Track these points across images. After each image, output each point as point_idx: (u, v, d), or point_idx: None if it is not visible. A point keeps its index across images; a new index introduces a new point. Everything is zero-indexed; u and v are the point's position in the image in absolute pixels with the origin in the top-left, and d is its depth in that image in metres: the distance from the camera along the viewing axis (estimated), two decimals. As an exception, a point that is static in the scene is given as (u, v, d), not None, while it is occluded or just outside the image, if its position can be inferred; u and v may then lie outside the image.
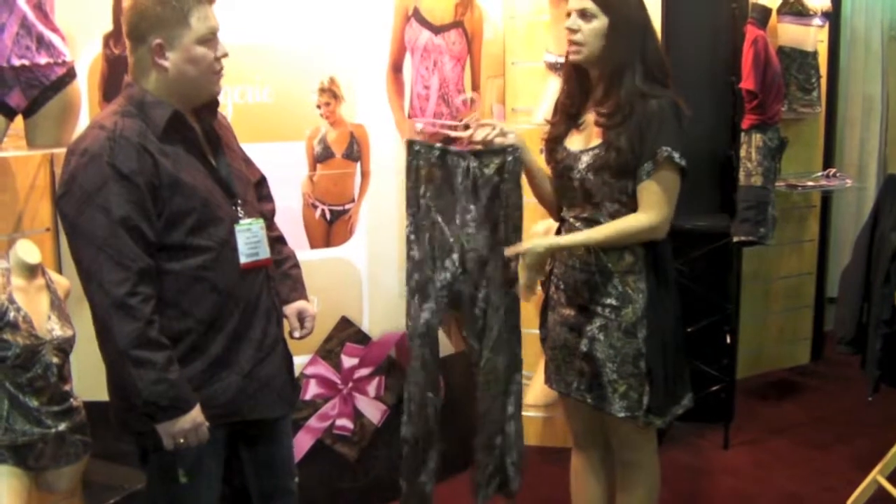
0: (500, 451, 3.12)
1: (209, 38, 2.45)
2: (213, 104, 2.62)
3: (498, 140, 2.94)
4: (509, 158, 2.93)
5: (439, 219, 3.02)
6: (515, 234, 2.98)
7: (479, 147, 2.97)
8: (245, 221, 2.56)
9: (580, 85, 2.92)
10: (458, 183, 2.99)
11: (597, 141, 2.84)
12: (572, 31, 2.81)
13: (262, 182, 2.88)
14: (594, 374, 2.90)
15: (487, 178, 2.96)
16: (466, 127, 3.00)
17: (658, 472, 3.08)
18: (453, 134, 2.96)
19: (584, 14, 2.78)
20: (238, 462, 2.74)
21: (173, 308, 2.44)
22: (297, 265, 2.90)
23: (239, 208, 2.57)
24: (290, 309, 2.82)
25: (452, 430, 3.26)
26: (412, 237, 3.04)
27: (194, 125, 2.54)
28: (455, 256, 3.04)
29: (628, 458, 3.02)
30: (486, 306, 3.02)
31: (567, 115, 2.95)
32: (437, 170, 3.00)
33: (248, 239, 2.55)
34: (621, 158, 2.76)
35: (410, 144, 3.02)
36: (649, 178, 2.76)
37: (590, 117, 2.89)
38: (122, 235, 2.31)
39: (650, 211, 2.78)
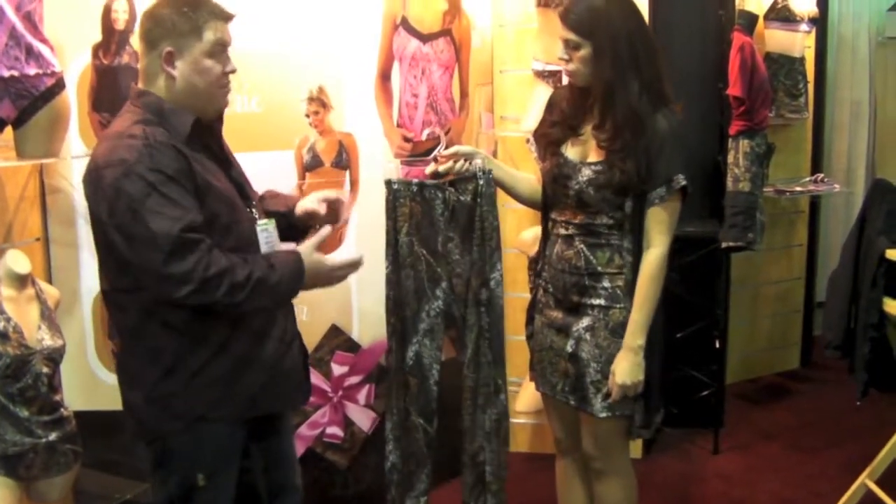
0: (480, 468, 3.15)
1: (218, 52, 2.48)
2: (223, 112, 2.66)
3: (464, 167, 2.97)
4: (481, 182, 2.97)
5: (424, 252, 3.06)
6: (493, 254, 3.02)
7: (452, 177, 3.00)
8: (262, 222, 2.62)
9: (583, 100, 2.92)
10: (437, 214, 3.04)
11: (598, 156, 2.84)
12: (565, 60, 2.84)
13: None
14: (578, 374, 2.91)
15: (465, 204, 3.00)
16: (436, 160, 3.02)
17: (634, 480, 3.07)
18: (428, 170, 2.99)
19: (568, 44, 2.80)
20: (247, 461, 2.75)
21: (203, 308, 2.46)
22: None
23: (254, 210, 2.63)
24: (309, 200, 2.84)
25: (444, 438, 3.27)
26: (392, 277, 3.08)
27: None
28: (444, 284, 3.09)
29: (601, 466, 3.01)
30: (465, 324, 3.06)
31: (568, 126, 2.95)
32: (417, 204, 3.04)
33: (267, 238, 2.60)
34: (625, 179, 2.76)
35: (389, 184, 3.05)
36: (661, 203, 2.78)
37: (591, 129, 2.90)
38: (186, 229, 2.32)
39: (659, 238, 2.81)
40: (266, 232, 2.61)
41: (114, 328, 2.62)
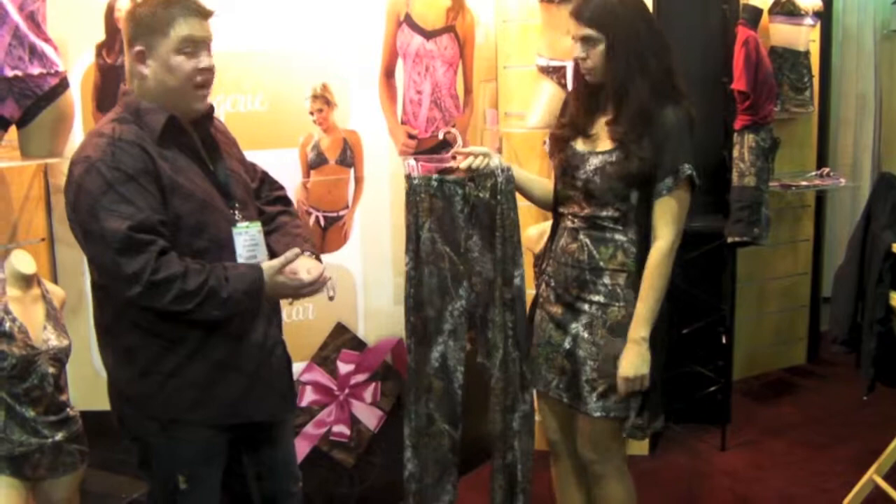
0: (511, 469, 3.13)
1: (188, 48, 2.45)
2: (209, 109, 2.64)
3: (483, 162, 2.96)
4: (500, 179, 2.94)
5: (447, 249, 3.04)
6: (516, 251, 3.00)
7: (468, 174, 2.99)
8: (242, 224, 2.58)
9: (591, 99, 2.92)
10: (457, 211, 3.02)
11: (606, 145, 2.85)
12: (582, 59, 2.84)
13: (264, 179, 2.90)
14: (574, 372, 2.91)
15: (484, 201, 2.97)
16: (453, 158, 3.02)
17: (631, 482, 3.05)
18: (446, 166, 2.99)
19: (586, 41, 2.80)
20: (239, 468, 2.75)
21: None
22: (297, 226, 2.86)
23: (237, 212, 2.59)
24: (301, 264, 2.61)
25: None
26: (412, 273, 3.05)
27: (190, 130, 2.56)
28: (465, 283, 3.07)
29: (600, 469, 3.00)
30: (493, 325, 3.04)
31: (576, 127, 2.95)
32: (438, 200, 3.02)
33: (246, 242, 2.57)
34: (644, 167, 2.76)
35: (409, 178, 3.03)
36: (669, 193, 2.78)
37: (599, 127, 2.90)
38: (135, 228, 2.32)
39: (666, 229, 2.80)
40: (246, 235, 2.58)
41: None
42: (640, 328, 2.81)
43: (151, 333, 2.47)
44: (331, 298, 2.73)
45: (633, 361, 2.80)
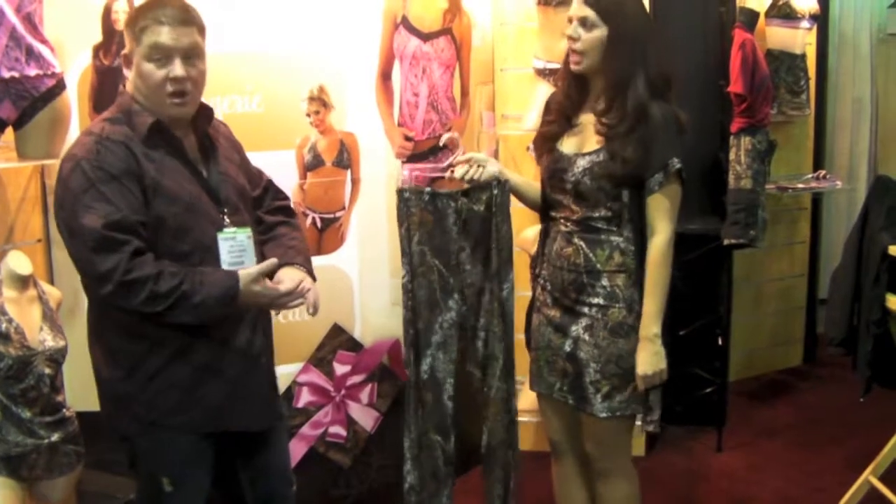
0: (507, 478, 3.15)
1: (156, 56, 2.45)
2: (207, 112, 2.64)
3: (479, 173, 2.95)
4: (496, 192, 2.94)
5: (436, 262, 3.04)
6: (508, 264, 3.00)
7: (465, 185, 2.99)
8: (229, 230, 2.56)
9: (578, 88, 2.91)
10: (449, 224, 3.02)
11: (593, 146, 2.84)
12: (573, 39, 2.82)
13: (269, 187, 2.89)
14: (577, 374, 2.90)
15: (478, 214, 2.97)
16: (450, 166, 3.02)
17: (636, 480, 3.06)
18: (447, 175, 2.98)
19: (584, 22, 2.78)
20: (232, 473, 2.74)
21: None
22: (294, 238, 2.82)
23: (225, 216, 2.57)
24: (287, 275, 2.63)
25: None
26: (409, 286, 3.05)
27: (180, 133, 2.55)
28: (456, 295, 3.07)
29: (605, 466, 2.99)
30: (486, 335, 3.04)
31: (563, 117, 2.95)
32: (429, 214, 3.02)
33: (232, 248, 2.55)
34: (628, 168, 2.76)
35: (400, 193, 3.02)
36: (661, 189, 2.78)
37: (586, 120, 2.89)
38: (110, 226, 2.33)
39: (662, 224, 2.80)
40: (233, 241, 2.55)
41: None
42: (651, 325, 2.81)
43: (134, 334, 2.48)
44: (312, 314, 2.70)
45: (649, 359, 2.81)
